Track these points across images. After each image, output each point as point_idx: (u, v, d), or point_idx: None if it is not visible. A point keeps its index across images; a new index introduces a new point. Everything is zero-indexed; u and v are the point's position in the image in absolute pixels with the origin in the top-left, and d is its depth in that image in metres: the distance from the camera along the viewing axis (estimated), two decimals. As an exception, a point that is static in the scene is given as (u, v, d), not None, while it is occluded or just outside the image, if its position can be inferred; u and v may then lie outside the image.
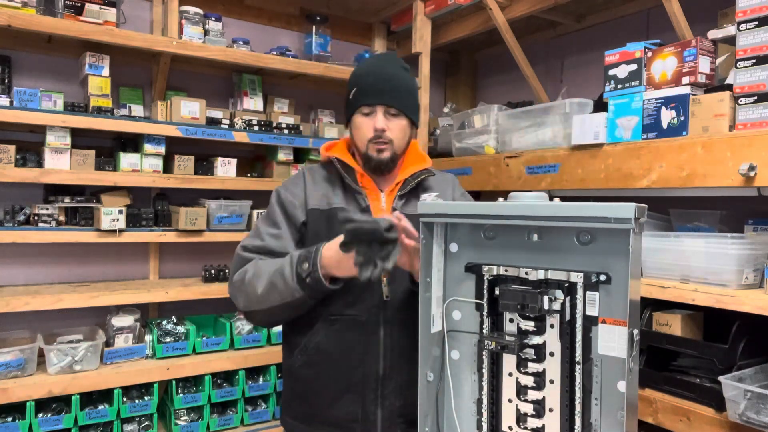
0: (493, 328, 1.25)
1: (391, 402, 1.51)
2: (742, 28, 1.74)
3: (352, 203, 1.57)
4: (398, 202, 1.59)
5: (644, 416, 1.86)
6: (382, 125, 1.54)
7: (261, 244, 1.55)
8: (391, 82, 1.57)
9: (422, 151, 1.75)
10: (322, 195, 1.58)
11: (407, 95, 1.60)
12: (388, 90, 1.56)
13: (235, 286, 1.53)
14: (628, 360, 1.05)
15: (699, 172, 1.79)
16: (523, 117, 2.55)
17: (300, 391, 1.59)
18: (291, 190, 1.61)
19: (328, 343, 1.51)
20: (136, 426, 2.41)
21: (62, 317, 2.49)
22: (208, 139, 2.52)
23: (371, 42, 3.39)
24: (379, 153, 1.56)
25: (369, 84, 1.57)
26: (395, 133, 1.57)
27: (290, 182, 1.65)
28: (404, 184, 1.60)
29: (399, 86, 1.58)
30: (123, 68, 2.62)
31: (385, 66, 1.62)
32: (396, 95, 1.56)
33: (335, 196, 1.58)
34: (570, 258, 1.16)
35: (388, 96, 1.55)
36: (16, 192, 2.43)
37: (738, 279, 1.69)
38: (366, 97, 1.56)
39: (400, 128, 1.58)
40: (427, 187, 1.65)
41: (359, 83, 1.59)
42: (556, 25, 3.06)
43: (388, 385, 1.50)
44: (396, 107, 1.56)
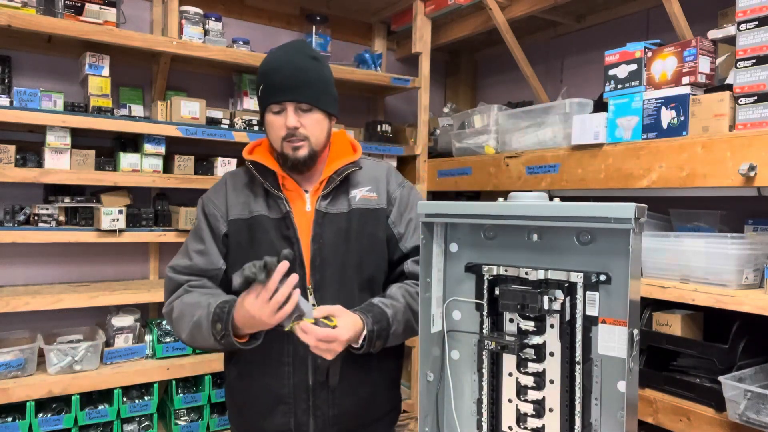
0: (493, 328, 1.25)
1: (323, 412, 1.46)
2: (742, 28, 1.74)
3: (274, 208, 1.49)
4: (322, 202, 1.49)
5: (644, 416, 1.86)
6: (294, 123, 1.45)
7: (189, 263, 1.51)
8: (299, 76, 1.46)
9: (352, 140, 1.64)
10: (243, 203, 1.51)
11: (319, 87, 1.49)
12: (297, 85, 1.45)
13: (166, 316, 1.52)
14: (628, 360, 1.05)
15: (699, 172, 1.79)
16: (523, 117, 2.55)
17: (237, 403, 1.58)
18: (213, 201, 1.55)
19: (256, 354, 1.46)
20: (136, 426, 2.41)
21: (62, 317, 2.49)
22: (208, 139, 2.52)
23: (371, 42, 3.39)
24: (295, 151, 1.47)
25: (276, 81, 1.46)
26: (310, 128, 1.47)
27: (212, 191, 1.58)
28: (328, 182, 1.51)
29: (308, 79, 1.47)
30: (123, 68, 2.62)
31: (292, 58, 1.48)
32: (306, 90, 1.46)
33: (256, 203, 1.50)
34: (570, 258, 1.16)
35: (297, 91, 1.45)
36: (16, 192, 2.43)
37: (738, 279, 1.69)
38: (274, 94, 1.46)
39: (314, 123, 1.48)
40: (356, 182, 1.55)
41: (266, 80, 1.49)
42: (556, 25, 3.06)
43: (320, 394, 1.45)
44: (307, 102, 1.46)
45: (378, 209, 1.55)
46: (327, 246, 1.48)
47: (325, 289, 1.47)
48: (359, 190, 1.54)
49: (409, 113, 3.57)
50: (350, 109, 3.30)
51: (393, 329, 1.41)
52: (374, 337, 1.37)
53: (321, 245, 1.48)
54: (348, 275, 1.50)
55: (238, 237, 1.50)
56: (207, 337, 1.38)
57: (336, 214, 1.50)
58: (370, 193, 1.55)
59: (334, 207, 1.51)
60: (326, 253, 1.48)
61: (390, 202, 1.57)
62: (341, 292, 1.48)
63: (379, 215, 1.54)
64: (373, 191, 1.56)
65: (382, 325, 1.39)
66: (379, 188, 1.57)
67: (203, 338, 1.40)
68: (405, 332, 1.47)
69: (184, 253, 1.55)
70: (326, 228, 1.49)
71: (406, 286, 1.52)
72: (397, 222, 1.56)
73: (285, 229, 1.48)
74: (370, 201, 1.54)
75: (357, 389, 1.48)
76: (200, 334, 1.39)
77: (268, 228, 1.49)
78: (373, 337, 1.37)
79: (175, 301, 1.49)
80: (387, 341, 1.42)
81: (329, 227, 1.49)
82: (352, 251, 1.50)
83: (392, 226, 1.55)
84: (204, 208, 1.56)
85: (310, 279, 1.47)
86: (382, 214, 1.55)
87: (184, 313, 1.44)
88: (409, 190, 1.62)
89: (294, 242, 1.47)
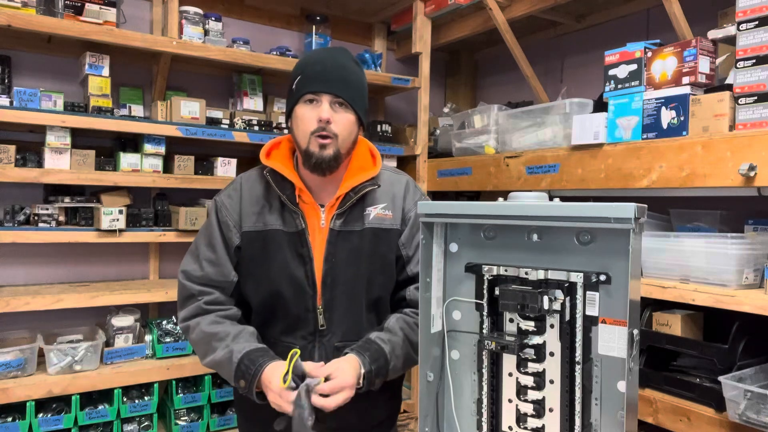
0: (493, 328, 1.25)
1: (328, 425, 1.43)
2: (742, 28, 1.74)
3: (289, 222, 1.44)
4: (337, 221, 1.44)
5: (644, 416, 1.86)
6: (327, 115, 1.37)
7: (201, 273, 1.47)
8: (340, 72, 1.40)
9: (372, 148, 1.56)
10: (258, 213, 1.46)
11: (357, 89, 1.44)
12: (337, 79, 1.39)
13: (184, 330, 1.50)
14: (628, 360, 1.05)
15: (699, 172, 1.79)
16: (523, 117, 2.55)
17: (245, 410, 1.59)
18: (227, 206, 1.48)
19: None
20: (136, 426, 2.41)
21: (62, 317, 2.49)
22: (208, 139, 2.52)
23: (371, 42, 3.39)
24: (322, 149, 1.38)
25: (316, 71, 1.40)
26: (341, 126, 1.40)
27: (226, 196, 1.51)
28: (344, 199, 1.44)
29: (349, 77, 1.41)
30: (123, 68, 2.62)
31: (335, 56, 1.44)
32: (344, 85, 1.40)
33: (271, 215, 1.45)
34: (570, 258, 1.16)
35: (335, 84, 1.38)
36: (16, 192, 2.43)
37: (738, 279, 1.69)
38: (311, 84, 1.39)
39: (346, 122, 1.41)
40: (373, 199, 1.49)
41: (305, 71, 1.42)
42: (556, 25, 3.06)
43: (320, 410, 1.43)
44: (344, 98, 1.39)
45: (392, 229, 1.49)
46: (339, 265, 1.44)
47: (335, 309, 1.45)
48: (374, 207, 1.48)
49: (409, 113, 3.58)
50: (350, 109, 3.30)
51: (392, 365, 1.40)
52: (373, 377, 1.36)
53: (333, 264, 1.44)
54: (357, 295, 1.47)
55: (251, 250, 1.46)
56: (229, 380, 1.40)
57: (350, 232, 1.45)
58: (386, 212, 1.49)
59: (348, 225, 1.46)
60: (338, 273, 1.45)
61: (404, 221, 1.51)
62: (349, 311, 1.46)
63: (392, 235, 1.49)
64: (388, 209, 1.49)
65: (379, 364, 1.38)
66: (395, 206, 1.51)
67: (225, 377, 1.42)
68: (404, 365, 1.45)
69: (195, 257, 1.50)
70: (339, 247, 1.45)
71: (405, 317, 1.48)
72: (408, 244, 1.51)
73: (300, 246, 1.44)
74: (384, 220, 1.49)
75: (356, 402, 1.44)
76: (222, 373, 1.42)
77: (282, 243, 1.44)
78: (372, 377, 1.36)
79: (191, 321, 1.46)
80: (386, 377, 1.41)
81: (342, 246, 1.45)
82: (362, 271, 1.46)
83: (402, 248, 1.50)
84: (217, 213, 1.50)
85: (321, 299, 1.45)
86: (395, 235, 1.50)
87: (203, 342, 1.43)
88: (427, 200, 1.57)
89: (307, 261, 1.44)
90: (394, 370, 1.42)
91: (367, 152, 1.55)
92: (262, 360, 1.35)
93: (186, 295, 1.49)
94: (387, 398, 1.59)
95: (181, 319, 1.50)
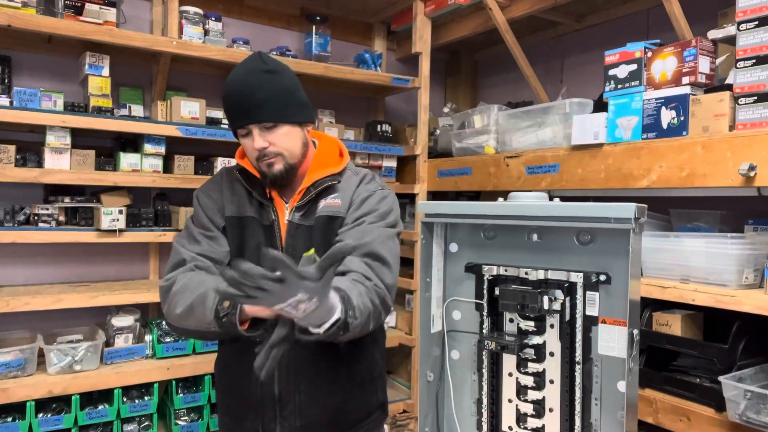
0: (493, 328, 1.25)
1: (290, 423, 1.44)
2: (742, 28, 1.74)
3: (264, 215, 1.49)
4: (296, 213, 1.48)
5: (644, 416, 1.86)
6: (261, 144, 1.42)
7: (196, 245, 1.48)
8: (256, 95, 1.42)
9: (341, 147, 1.59)
10: (237, 202, 1.52)
11: (280, 101, 1.44)
12: (255, 105, 1.42)
13: (162, 290, 1.45)
14: (628, 360, 1.05)
15: (699, 172, 1.79)
16: (523, 117, 2.55)
17: (219, 405, 1.61)
18: (210, 194, 1.55)
19: (231, 361, 1.50)
20: (136, 426, 2.41)
21: (62, 317, 2.49)
22: (208, 139, 2.52)
23: (371, 42, 3.39)
24: (270, 167, 1.45)
25: (234, 106, 1.45)
26: (280, 144, 1.44)
27: (208, 185, 1.59)
28: (305, 193, 1.48)
29: (266, 97, 1.42)
30: (123, 68, 2.62)
31: (246, 79, 1.44)
32: (264, 108, 1.42)
33: (249, 205, 1.51)
34: (570, 258, 1.16)
35: (256, 112, 1.42)
36: (16, 192, 2.43)
37: (738, 279, 1.69)
38: (236, 119, 1.45)
39: (283, 137, 1.44)
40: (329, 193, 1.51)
41: (226, 106, 1.49)
42: (556, 25, 3.06)
43: (287, 405, 1.44)
44: (269, 120, 1.42)
45: (337, 217, 1.48)
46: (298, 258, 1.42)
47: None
48: (326, 199, 1.50)
49: (409, 113, 3.57)
50: (350, 109, 3.30)
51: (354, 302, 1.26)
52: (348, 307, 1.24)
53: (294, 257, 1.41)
54: None
55: (233, 233, 1.51)
56: (207, 314, 1.30)
57: (307, 226, 1.48)
58: (335, 200, 1.49)
59: (306, 219, 1.48)
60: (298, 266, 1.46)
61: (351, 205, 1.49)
62: None
63: (336, 224, 1.48)
64: (338, 198, 1.50)
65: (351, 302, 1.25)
66: (345, 195, 1.50)
67: (201, 314, 1.32)
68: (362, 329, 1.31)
69: (189, 235, 1.50)
70: (298, 240, 1.47)
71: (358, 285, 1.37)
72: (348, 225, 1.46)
73: (271, 237, 1.48)
74: (332, 208, 1.49)
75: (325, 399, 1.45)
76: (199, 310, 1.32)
77: (256, 232, 1.49)
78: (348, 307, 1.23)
79: (179, 275, 1.44)
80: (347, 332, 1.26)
81: (300, 239, 1.47)
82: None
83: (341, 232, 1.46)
84: (200, 201, 1.55)
85: None
86: (339, 223, 1.48)
87: (187, 287, 1.38)
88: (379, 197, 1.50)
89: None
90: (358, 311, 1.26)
91: (335, 150, 1.58)
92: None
93: (177, 260, 1.47)
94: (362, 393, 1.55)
95: (166, 278, 1.45)
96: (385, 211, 1.47)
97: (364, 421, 1.58)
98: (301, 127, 1.50)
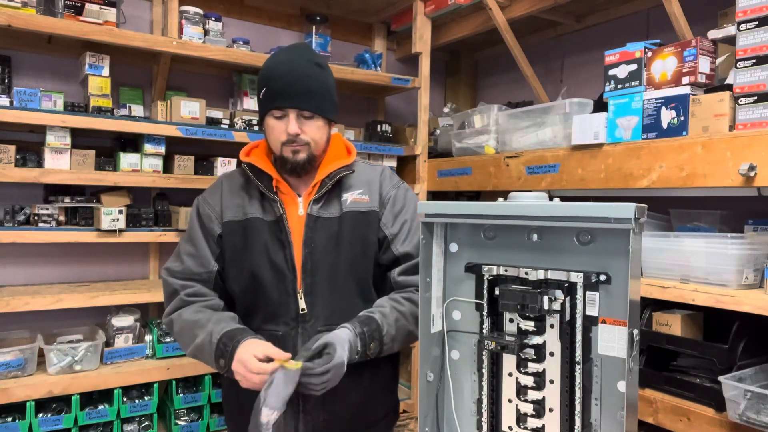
0: (493, 328, 1.25)
1: (313, 417, 1.45)
2: (742, 28, 1.74)
3: (269, 211, 1.50)
4: (314, 206, 1.50)
5: (644, 416, 1.86)
6: (295, 130, 1.45)
7: (181, 267, 1.53)
8: (303, 84, 1.46)
9: (347, 143, 1.64)
10: (238, 205, 1.52)
11: (322, 95, 1.49)
12: (301, 93, 1.45)
13: (167, 325, 1.54)
14: (628, 360, 1.05)
15: (699, 172, 1.79)
16: (523, 117, 2.55)
17: (230, 405, 1.59)
18: (208, 201, 1.56)
19: None
20: (136, 426, 2.41)
21: (62, 317, 2.49)
22: (208, 139, 2.52)
23: (371, 42, 3.39)
24: (295, 154, 1.47)
25: (279, 86, 1.46)
26: (311, 134, 1.48)
27: (208, 192, 1.59)
28: (321, 185, 1.51)
29: (311, 88, 1.47)
30: (123, 68, 2.62)
31: (296, 65, 1.48)
32: (309, 98, 1.46)
33: (251, 205, 1.51)
34: (570, 258, 1.16)
35: (300, 99, 1.45)
36: (16, 192, 2.43)
37: (738, 279, 1.69)
38: (276, 99, 1.46)
39: (316, 129, 1.49)
40: (349, 185, 1.55)
41: (269, 84, 1.48)
42: (556, 25, 3.06)
43: (309, 399, 1.43)
44: (310, 110, 1.47)
45: (370, 212, 1.53)
46: (318, 250, 1.48)
47: (316, 294, 1.48)
48: (351, 194, 1.53)
49: (409, 113, 3.57)
50: (350, 109, 3.30)
51: (385, 330, 1.40)
52: (366, 339, 1.37)
53: (312, 249, 1.48)
54: (339, 279, 1.49)
55: (233, 239, 1.51)
56: (210, 364, 1.41)
57: (328, 219, 1.50)
58: (362, 196, 1.53)
59: (326, 211, 1.51)
60: (317, 258, 1.48)
61: (383, 204, 1.55)
62: (333, 296, 1.48)
63: (371, 218, 1.53)
64: (365, 194, 1.54)
65: (371, 327, 1.39)
66: (371, 190, 1.55)
67: (206, 362, 1.43)
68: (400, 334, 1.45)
69: (177, 255, 1.56)
70: (318, 232, 1.49)
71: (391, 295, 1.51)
72: (389, 223, 1.54)
73: (279, 232, 1.48)
74: (361, 204, 1.53)
75: (349, 395, 1.46)
76: (203, 358, 1.43)
77: (261, 230, 1.49)
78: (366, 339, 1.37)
79: (173, 314, 1.50)
80: (382, 344, 1.41)
81: (321, 231, 1.49)
82: (343, 255, 1.49)
83: (384, 228, 1.53)
84: (198, 209, 1.57)
85: (301, 283, 1.47)
86: (374, 217, 1.53)
87: (184, 331, 1.46)
88: (404, 191, 1.60)
89: (286, 245, 1.47)
90: (389, 335, 1.41)
91: (342, 146, 1.62)
92: (240, 337, 1.37)
93: (170, 291, 1.53)
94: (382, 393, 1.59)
95: (165, 315, 1.53)
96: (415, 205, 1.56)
97: (381, 420, 1.61)
98: (329, 125, 1.55)
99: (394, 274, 1.52)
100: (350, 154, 1.60)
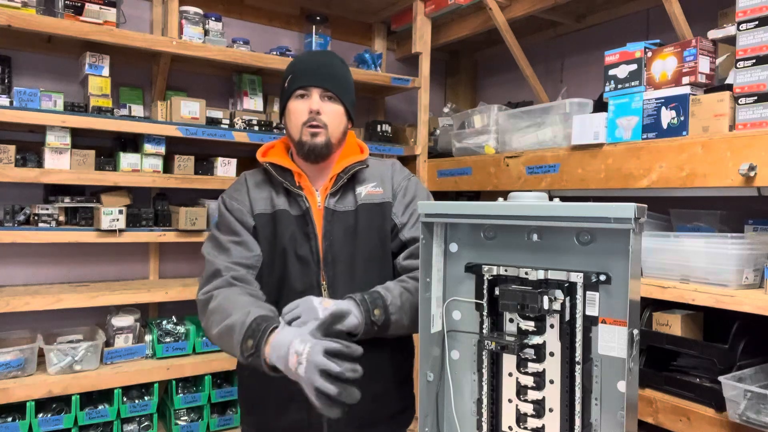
0: (493, 328, 1.25)
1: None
2: (742, 28, 1.74)
3: (294, 205, 1.53)
4: (330, 200, 1.53)
5: (644, 416, 1.86)
6: (317, 106, 1.50)
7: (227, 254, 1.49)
8: (327, 68, 1.54)
9: (360, 142, 1.69)
10: (266, 198, 1.55)
11: (344, 84, 1.57)
12: (324, 74, 1.53)
13: (200, 303, 1.48)
14: (628, 360, 1.05)
15: (699, 172, 1.79)
16: (523, 117, 2.55)
17: (250, 401, 1.58)
18: (235, 198, 1.57)
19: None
20: (136, 426, 2.41)
21: (62, 317, 2.49)
22: (208, 139, 2.52)
23: (371, 42, 3.39)
24: (313, 137, 1.50)
25: (304, 68, 1.54)
26: (330, 117, 1.52)
27: (233, 189, 1.61)
28: (336, 180, 1.54)
29: (335, 73, 1.55)
30: (123, 68, 2.62)
31: (321, 56, 1.60)
32: (332, 79, 1.53)
33: (278, 198, 1.54)
34: (570, 258, 1.16)
35: (323, 78, 1.52)
36: (16, 192, 2.43)
37: (738, 279, 1.69)
38: (301, 79, 1.52)
39: (335, 113, 1.53)
40: (363, 179, 1.59)
41: (295, 70, 1.55)
42: (556, 25, 3.06)
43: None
44: (332, 91, 1.52)
45: (384, 203, 1.57)
46: (336, 243, 1.51)
47: (338, 287, 1.50)
48: (365, 187, 1.58)
49: (409, 113, 3.57)
50: (350, 109, 3.30)
51: (389, 301, 1.40)
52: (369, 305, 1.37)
53: (331, 242, 1.51)
54: (358, 271, 1.52)
55: (265, 231, 1.53)
56: (234, 347, 1.32)
57: (344, 212, 1.54)
58: (376, 189, 1.58)
59: (342, 205, 1.54)
60: (336, 250, 1.51)
61: (394, 194, 1.60)
62: (352, 287, 1.49)
63: (385, 209, 1.57)
64: (378, 186, 1.59)
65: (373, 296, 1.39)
66: (384, 183, 1.60)
67: (230, 346, 1.34)
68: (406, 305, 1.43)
69: (217, 245, 1.52)
70: (335, 225, 1.52)
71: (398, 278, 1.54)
72: (399, 213, 1.58)
73: (305, 225, 1.52)
74: (375, 196, 1.58)
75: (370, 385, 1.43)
76: (229, 340, 1.33)
77: (289, 223, 1.52)
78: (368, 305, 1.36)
79: (215, 290, 1.44)
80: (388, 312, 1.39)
81: (338, 225, 1.52)
82: (360, 247, 1.53)
83: (394, 217, 1.57)
84: (226, 205, 1.56)
85: (324, 275, 1.50)
86: (388, 208, 1.57)
87: (222, 308, 1.38)
88: (415, 182, 1.66)
89: (312, 238, 1.51)
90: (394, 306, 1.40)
91: (355, 144, 1.66)
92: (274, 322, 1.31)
93: (212, 270, 1.48)
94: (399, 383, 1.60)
95: (203, 291, 1.47)
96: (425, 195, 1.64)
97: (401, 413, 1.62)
98: (347, 119, 1.59)
99: (399, 259, 1.56)
100: (363, 152, 1.64)
